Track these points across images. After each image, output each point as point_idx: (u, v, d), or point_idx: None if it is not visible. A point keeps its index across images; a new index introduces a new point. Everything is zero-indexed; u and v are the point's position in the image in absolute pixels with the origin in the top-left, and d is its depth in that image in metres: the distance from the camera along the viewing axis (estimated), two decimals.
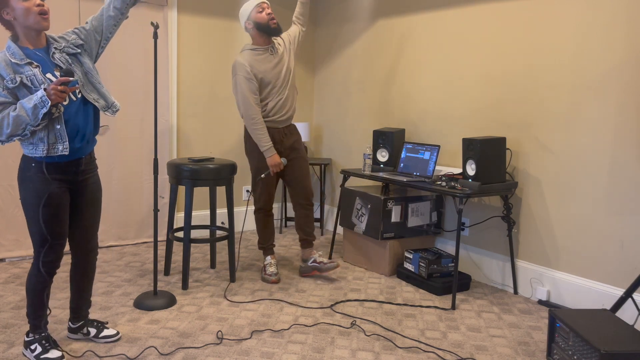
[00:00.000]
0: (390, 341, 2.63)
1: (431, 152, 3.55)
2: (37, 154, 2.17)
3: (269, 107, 3.32)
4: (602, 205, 2.96)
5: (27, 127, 2.10)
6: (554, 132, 3.16)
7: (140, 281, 3.37)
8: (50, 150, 2.18)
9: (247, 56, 3.26)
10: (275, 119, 3.35)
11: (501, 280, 3.48)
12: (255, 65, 3.25)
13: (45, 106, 2.07)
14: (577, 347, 2.19)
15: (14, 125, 2.08)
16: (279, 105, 3.34)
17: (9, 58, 2.14)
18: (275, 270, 3.44)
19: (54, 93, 2.06)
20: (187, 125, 4.37)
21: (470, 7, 3.60)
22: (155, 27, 2.73)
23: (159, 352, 2.43)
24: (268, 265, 3.48)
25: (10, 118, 2.07)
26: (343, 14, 4.69)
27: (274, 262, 3.50)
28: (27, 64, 2.16)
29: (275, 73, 3.31)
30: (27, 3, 2.12)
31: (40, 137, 2.16)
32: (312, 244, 3.57)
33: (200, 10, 4.32)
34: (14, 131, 2.10)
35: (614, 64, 2.87)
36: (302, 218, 3.50)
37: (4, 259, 3.68)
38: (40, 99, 2.06)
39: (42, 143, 2.16)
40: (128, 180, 4.11)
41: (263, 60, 3.28)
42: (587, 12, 2.98)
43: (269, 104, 3.31)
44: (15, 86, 2.12)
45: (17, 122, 2.08)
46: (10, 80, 2.11)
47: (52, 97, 2.06)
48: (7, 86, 2.11)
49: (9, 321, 2.71)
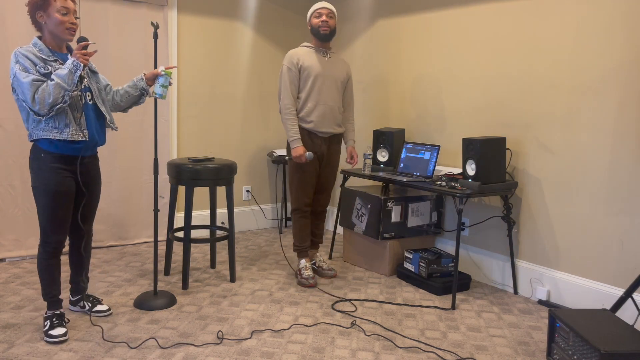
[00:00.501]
0: (390, 341, 2.63)
1: (431, 152, 3.55)
2: (62, 137, 2.42)
3: (308, 109, 3.32)
4: (602, 205, 2.96)
5: (65, 93, 2.34)
6: (554, 132, 3.16)
7: (140, 281, 3.37)
8: (73, 135, 2.44)
9: (299, 49, 3.40)
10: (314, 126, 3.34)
11: (501, 280, 3.48)
12: (303, 57, 3.35)
13: (79, 69, 2.34)
14: (577, 347, 2.19)
15: (55, 93, 2.31)
16: (320, 114, 3.33)
17: (37, 53, 2.39)
18: (311, 274, 3.41)
19: (80, 56, 2.35)
20: (187, 125, 4.37)
21: (470, 7, 3.60)
22: (155, 27, 2.74)
23: (159, 344, 2.44)
24: (303, 269, 3.44)
25: (51, 87, 2.30)
26: (343, 14, 4.69)
27: (309, 265, 3.48)
28: (53, 60, 2.42)
29: (321, 70, 3.33)
30: (64, 17, 2.40)
31: (66, 123, 2.43)
32: (317, 245, 3.68)
33: (200, 10, 4.32)
34: (55, 100, 2.32)
35: (614, 64, 2.87)
36: (315, 222, 3.63)
37: (4, 259, 3.68)
38: (72, 64, 2.33)
39: (67, 128, 2.43)
40: (128, 180, 4.11)
41: (314, 57, 3.37)
42: (586, 12, 2.98)
43: (309, 104, 3.32)
44: (47, 72, 2.36)
45: (57, 89, 2.31)
46: (42, 67, 2.36)
47: (80, 59, 2.35)
48: (39, 71, 2.35)
49: (9, 321, 2.71)
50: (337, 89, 3.41)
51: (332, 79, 3.38)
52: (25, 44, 3.55)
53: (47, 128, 2.40)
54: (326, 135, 3.41)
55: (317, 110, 3.33)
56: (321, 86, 3.33)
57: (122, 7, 3.91)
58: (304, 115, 3.34)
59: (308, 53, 3.37)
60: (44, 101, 2.30)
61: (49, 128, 2.40)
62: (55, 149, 2.44)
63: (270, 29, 4.73)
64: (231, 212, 3.42)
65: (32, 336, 2.55)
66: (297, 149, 3.28)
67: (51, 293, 2.58)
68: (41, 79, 2.33)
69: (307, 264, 3.47)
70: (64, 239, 2.55)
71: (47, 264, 2.54)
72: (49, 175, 2.44)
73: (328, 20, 3.33)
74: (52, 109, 2.33)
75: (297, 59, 3.32)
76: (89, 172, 2.64)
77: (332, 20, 3.35)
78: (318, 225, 3.64)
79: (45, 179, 2.44)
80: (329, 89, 3.36)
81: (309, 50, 3.39)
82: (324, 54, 3.40)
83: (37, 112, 2.34)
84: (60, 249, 2.56)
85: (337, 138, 3.51)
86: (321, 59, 3.37)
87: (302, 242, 3.51)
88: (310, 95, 3.32)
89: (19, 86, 2.31)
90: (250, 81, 4.67)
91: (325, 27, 3.33)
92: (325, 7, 3.36)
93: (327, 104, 3.35)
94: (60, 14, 2.38)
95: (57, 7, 2.38)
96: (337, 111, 3.41)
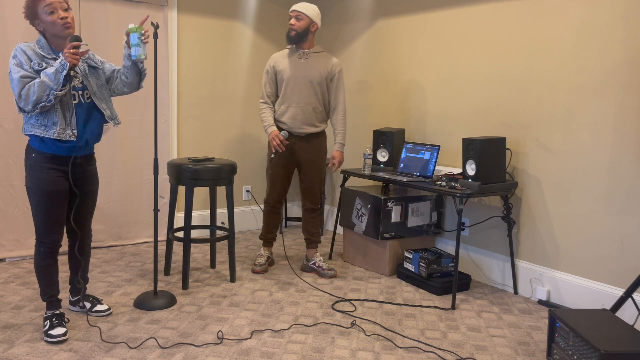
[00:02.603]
0: (390, 341, 2.63)
1: (431, 152, 3.55)
2: (47, 135, 2.40)
3: (281, 110, 3.47)
4: (602, 205, 2.96)
5: (50, 92, 2.33)
6: (554, 132, 3.16)
7: (140, 281, 3.37)
8: (60, 134, 2.42)
9: (278, 52, 3.56)
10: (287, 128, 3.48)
11: (501, 280, 3.48)
12: (279, 60, 3.49)
13: (65, 68, 2.32)
14: (577, 347, 2.19)
15: (39, 91, 2.30)
16: (291, 115, 3.45)
17: (38, 50, 2.41)
18: (262, 262, 3.62)
19: (69, 55, 2.33)
20: (187, 125, 4.37)
21: (470, 7, 3.60)
22: (155, 27, 2.73)
23: (159, 344, 2.44)
24: (258, 256, 3.68)
25: (36, 85, 2.31)
26: (343, 14, 4.69)
27: (265, 254, 3.68)
28: (52, 58, 2.43)
29: (293, 72, 3.43)
30: (52, 17, 2.39)
31: (54, 121, 2.41)
32: (316, 245, 3.69)
33: (200, 10, 4.32)
34: (39, 98, 2.32)
35: (614, 64, 2.87)
36: (308, 220, 3.67)
37: (4, 259, 3.68)
38: (59, 63, 2.33)
39: (54, 126, 2.41)
40: (128, 180, 4.11)
41: (289, 59, 3.48)
42: (586, 12, 2.98)
43: (282, 106, 3.48)
44: (41, 69, 2.37)
45: (42, 87, 2.30)
46: (37, 64, 2.37)
47: (68, 59, 2.33)
48: (33, 67, 2.36)
49: (9, 321, 2.71)
50: (312, 89, 3.46)
51: (305, 79, 3.44)
52: None
53: (35, 124, 2.41)
54: (301, 134, 3.49)
55: (288, 111, 3.46)
56: (293, 88, 3.44)
57: (122, 7, 3.91)
58: (278, 116, 3.50)
59: (284, 56, 3.50)
60: (29, 98, 2.31)
61: (37, 125, 2.41)
62: (47, 148, 2.44)
63: (270, 29, 4.74)
64: (231, 212, 3.42)
65: (32, 336, 2.55)
66: (271, 132, 3.44)
67: (49, 293, 2.57)
68: (31, 76, 2.33)
69: (263, 253, 3.69)
70: (59, 239, 2.54)
71: (44, 264, 2.54)
72: (40, 174, 2.44)
73: (295, 22, 3.41)
74: (36, 106, 2.33)
75: (274, 62, 3.49)
76: (84, 172, 2.62)
77: (301, 22, 3.40)
78: (311, 222, 3.65)
79: (37, 178, 2.44)
80: (301, 90, 3.44)
81: (286, 53, 3.51)
82: (300, 55, 3.48)
83: (22, 108, 2.35)
84: (56, 249, 2.55)
85: (316, 136, 3.55)
86: (296, 61, 3.46)
87: (266, 233, 3.69)
88: (283, 97, 3.47)
89: (11, 81, 2.33)
90: (250, 81, 4.67)
91: (292, 31, 3.42)
92: (294, 9, 3.42)
93: (299, 105, 3.44)
94: (47, 14, 2.37)
95: (43, 10, 2.37)
96: (311, 111, 3.47)
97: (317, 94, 3.47)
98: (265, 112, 3.50)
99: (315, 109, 3.48)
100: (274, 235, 3.72)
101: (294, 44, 3.47)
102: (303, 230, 3.69)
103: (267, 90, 3.51)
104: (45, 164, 2.44)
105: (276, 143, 3.39)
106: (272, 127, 3.44)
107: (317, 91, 3.47)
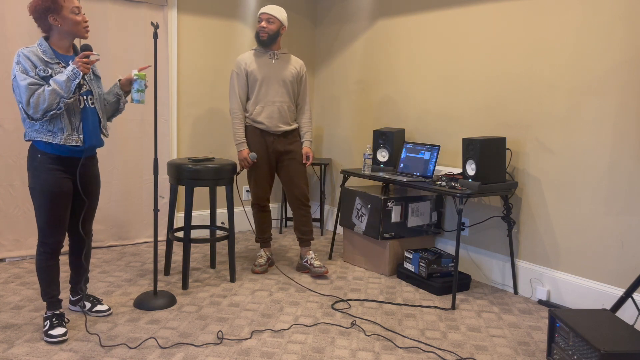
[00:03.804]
0: (390, 341, 2.63)
1: (431, 152, 3.55)
2: (54, 141, 2.41)
3: (257, 111, 3.49)
4: (602, 205, 2.96)
5: (61, 100, 2.33)
6: (554, 132, 3.16)
7: (140, 281, 3.37)
8: (67, 140, 2.43)
9: (246, 54, 3.55)
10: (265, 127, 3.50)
11: (501, 280, 3.48)
12: (250, 61, 3.50)
13: (78, 77, 2.34)
14: (577, 347, 2.19)
15: (50, 99, 2.30)
16: (268, 114, 3.48)
17: (41, 55, 2.39)
18: (262, 262, 3.62)
19: (81, 64, 2.34)
20: (187, 125, 4.37)
21: (470, 7, 3.60)
22: (155, 27, 2.74)
23: (159, 344, 2.44)
24: (258, 257, 3.68)
25: (47, 93, 2.29)
26: (343, 14, 4.69)
27: (265, 255, 3.68)
28: (56, 63, 2.42)
29: (267, 72, 3.48)
30: (78, 17, 2.43)
31: (61, 127, 2.42)
32: (309, 243, 3.69)
33: (200, 10, 4.32)
34: (50, 106, 2.31)
35: (614, 64, 2.87)
36: (298, 218, 3.66)
37: (4, 259, 3.68)
38: (71, 72, 2.33)
39: (61, 132, 2.42)
40: (128, 180, 4.11)
41: (259, 60, 3.51)
42: (586, 12, 2.98)
43: (257, 106, 3.49)
44: (46, 76, 2.36)
45: (52, 96, 2.30)
46: (42, 70, 2.35)
47: (80, 68, 2.34)
48: (39, 74, 2.35)
49: (9, 321, 2.71)
50: (285, 88, 3.52)
51: (278, 79, 3.50)
52: (26, 44, 3.56)
53: (41, 130, 2.41)
54: (278, 132, 3.52)
55: (265, 110, 3.48)
56: (267, 87, 3.48)
57: (122, 7, 3.91)
58: (254, 117, 3.50)
59: (254, 57, 3.52)
60: (38, 106, 2.30)
61: (44, 130, 2.41)
62: (52, 150, 2.44)
63: None
64: (231, 212, 3.42)
65: (32, 336, 2.55)
66: (241, 152, 3.49)
67: (50, 293, 2.57)
68: (39, 83, 2.32)
69: (263, 254, 3.68)
70: (62, 240, 2.54)
71: (46, 265, 2.54)
72: (45, 176, 2.43)
73: (267, 26, 3.45)
74: (45, 114, 2.33)
75: (245, 63, 3.49)
76: (87, 173, 2.63)
77: (272, 25, 3.46)
78: (302, 220, 3.64)
79: (42, 179, 2.43)
80: (276, 90, 3.49)
81: (255, 54, 3.53)
82: (271, 56, 3.53)
83: (31, 116, 2.34)
84: (58, 250, 2.55)
85: (293, 133, 3.61)
86: (267, 62, 3.52)
87: (261, 234, 3.71)
88: (257, 97, 3.49)
89: (17, 87, 2.32)
90: None
91: (263, 33, 3.46)
92: (265, 12, 3.46)
93: (275, 104, 3.49)
94: (74, 14, 2.41)
95: (70, 8, 2.40)
96: (285, 110, 3.53)
97: (290, 93, 3.55)
98: (238, 124, 3.50)
99: (289, 107, 3.55)
100: (269, 235, 3.72)
101: (264, 46, 3.51)
102: (295, 229, 3.69)
103: (240, 95, 3.49)
104: (50, 165, 2.44)
105: (244, 165, 3.49)
106: (243, 146, 3.49)
107: (290, 90, 3.55)
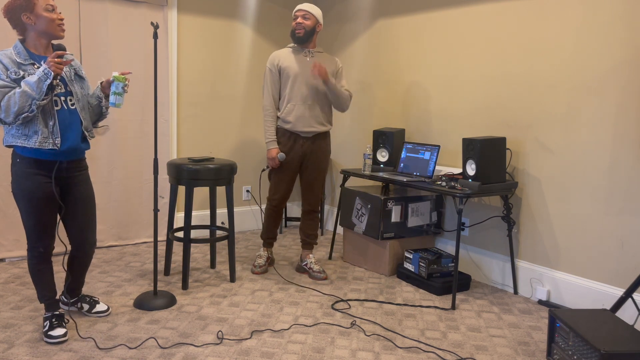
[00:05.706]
0: (390, 341, 2.63)
1: (431, 152, 3.55)
2: (28, 145, 2.33)
3: (287, 109, 3.40)
4: (602, 205, 2.96)
5: (33, 102, 2.25)
6: (554, 132, 3.16)
7: (140, 281, 3.37)
8: (42, 143, 2.34)
9: (281, 50, 3.50)
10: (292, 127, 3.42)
11: (501, 280, 3.48)
12: (284, 58, 3.44)
13: (49, 77, 2.24)
14: (577, 347, 2.19)
15: (20, 101, 2.22)
16: (299, 114, 3.39)
17: (14, 57, 2.33)
18: (262, 262, 3.62)
19: (53, 64, 2.25)
20: (187, 125, 4.37)
21: (470, 7, 3.60)
22: (155, 27, 2.73)
23: (159, 345, 2.44)
24: (258, 257, 3.68)
25: (17, 95, 2.22)
26: (343, 13, 4.69)
27: (265, 254, 3.67)
28: (30, 64, 2.35)
29: (300, 70, 3.40)
30: (52, 14, 2.35)
31: (35, 130, 2.34)
32: (311, 246, 3.68)
33: (200, 10, 4.32)
34: (21, 109, 2.24)
35: (613, 64, 2.87)
36: (306, 222, 3.66)
37: (4, 259, 3.68)
38: (42, 72, 2.24)
39: (35, 135, 2.34)
40: (128, 180, 4.11)
41: (294, 57, 3.44)
42: (586, 12, 2.98)
43: (288, 105, 3.41)
44: (17, 78, 2.29)
45: (23, 98, 2.22)
46: (14, 72, 2.29)
47: (52, 68, 2.25)
48: (10, 77, 2.28)
49: (9, 321, 2.71)
50: (319, 87, 3.43)
51: (312, 77, 3.41)
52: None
53: (16, 134, 2.34)
54: (308, 135, 3.45)
55: (295, 110, 3.40)
56: (300, 86, 3.40)
57: (122, 7, 3.91)
58: (284, 116, 3.43)
59: (289, 54, 3.45)
60: (9, 109, 2.23)
61: (19, 135, 2.34)
62: (30, 153, 2.36)
63: (270, 29, 4.73)
64: (231, 212, 3.42)
65: (32, 336, 2.55)
66: (271, 150, 3.43)
67: (47, 296, 2.55)
68: (10, 86, 2.25)
69: (263, 254, 3.68)
70: (51, 243, 2.49)
71: (38, 269, 2.50)
72: (25, 180, 2.37)
73: (303, 22, 3.39)
74: (17, 117, 2.25)
75: (278, 60, 3.43)
76: (72, 178, 2.53)
77: (308, 21, 3.40)
78: (309, 224, 3.64)
79: (22, 184, 2.37)
80: (309, 89, 3.41)
81: (290, 51, 3.47)
82: (306, 54, 3.46)
83: (3, 120, 2.27)
84: (49, 253, 2.50)
85: (323, 136, 3.52)
86: (301, 59, 3.44)
87: (267, 233, 3.67)
88: (289, 95, 3.41)
89: None
90: (250, 81, 4.67)
91: (299, 30, 3.40)
92: (301, 9, 3.41)
93: (307, 103, 3.41)
94: (48, 11, 2.34)
95: (44, 6, 2.33)
96: (318, 110, 3.45)
97: (323, 92, 3.46)
98: (269, 122, 3.44)
99: (322, 107, 3.47)
100: (275, 236, 3.70)
101: (301, 43, 3.44)
102: (300, 231, 3.69)
103: (273, 91, 3.43)
104: (29, 169, 2.37)
105: (272, 164, 3.45)
106: (273, 144, 3.43)
107: (323, 90, 3.45)
